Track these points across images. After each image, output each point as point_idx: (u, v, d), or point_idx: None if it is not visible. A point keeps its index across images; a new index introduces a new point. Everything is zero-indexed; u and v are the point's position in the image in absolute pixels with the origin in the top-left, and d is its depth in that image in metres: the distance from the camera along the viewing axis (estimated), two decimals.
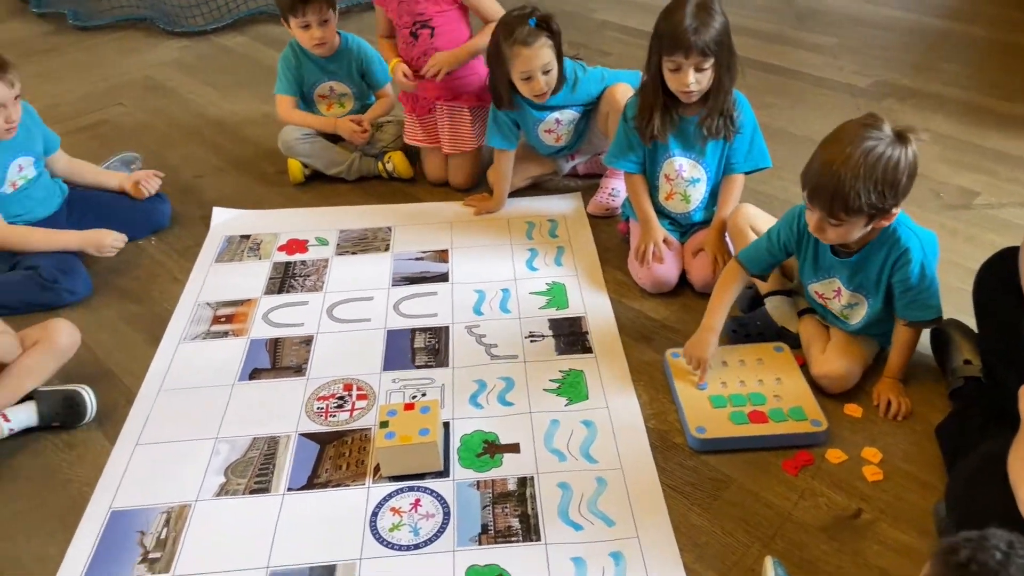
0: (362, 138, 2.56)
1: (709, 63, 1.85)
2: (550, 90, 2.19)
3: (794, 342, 1.83)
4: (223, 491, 1.58)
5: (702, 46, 1.81)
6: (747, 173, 2.06)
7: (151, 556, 1.46)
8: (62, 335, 1.77)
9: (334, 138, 2.62)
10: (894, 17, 3.74)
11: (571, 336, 1.96)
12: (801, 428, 1.61)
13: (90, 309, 2.11)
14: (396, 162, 2.60)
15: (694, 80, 1.86)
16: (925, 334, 1.75)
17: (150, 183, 2.40)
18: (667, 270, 2.05)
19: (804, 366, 1.77)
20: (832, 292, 1.74)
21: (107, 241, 2.16)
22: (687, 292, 2.07)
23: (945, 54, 3.37)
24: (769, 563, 1.33)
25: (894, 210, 1.53)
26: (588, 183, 2.54)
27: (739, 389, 1.71)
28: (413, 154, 2.63)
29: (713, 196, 2.09)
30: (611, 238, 2.31)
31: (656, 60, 1.90)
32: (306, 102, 2.63)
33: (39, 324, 1.79)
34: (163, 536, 1.49)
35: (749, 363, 1.78)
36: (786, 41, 3.54)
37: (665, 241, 2.07)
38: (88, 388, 1.76)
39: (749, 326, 1.86)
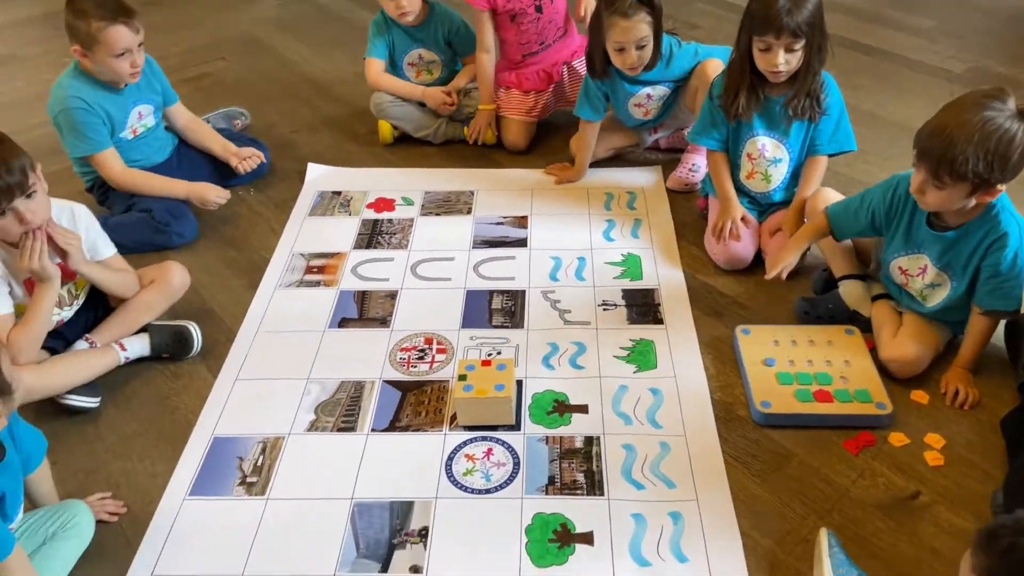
0: (449, 109, 2.65)
1: (800, 44, 1.86)
2: (642, 65, 2.23)
3: (865, 326, 1.85)
4: (313, 427, 1.72)
5: (794, 27, 1.82)
6: (831, 156, 2.06)
7: (249, 480, 1.61)
8: (175, 276, 1.93)
9: (423, 102, 2.72)
10: (997, 2, 3.60)
11: (643, 307, 2.02)
12: (866, 410, 1.64)
13: (196, 252, 2.28)
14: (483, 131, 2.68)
15: (783, 61, 1.87)
16: (999, 326, 1.75)
17: (249, 163, 2.48)
18: (743, 248, 2.08)
19: (874, 350, 1.80)
20: (917, 269, 1.73)
21: (210, 196, 2.32)
22: (761, 271, 2.09)
23: None
24: (824, 534, 1.39)
25: (999, 186, 1.52)
26: (669, 157, 2.57)
27: (806, 368, 1.75)
28: (497, 121, 2.70)
29: (794, 177, 2.10)
30: (689, 213, 2.34)
31: (746, 38, 1.92)
32: (395, 68, 2.73)
33: (155, 265, 1.96)
34: (259, 463, 1.64)
35: (819, 343, 1.81)
36: (883, 21, 3.45)
37: (743, 219, 2.10)
38: (195, 325, 1.92)
39: (820, 308, 1.89)
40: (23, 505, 1.39)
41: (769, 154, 2.06)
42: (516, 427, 1.70)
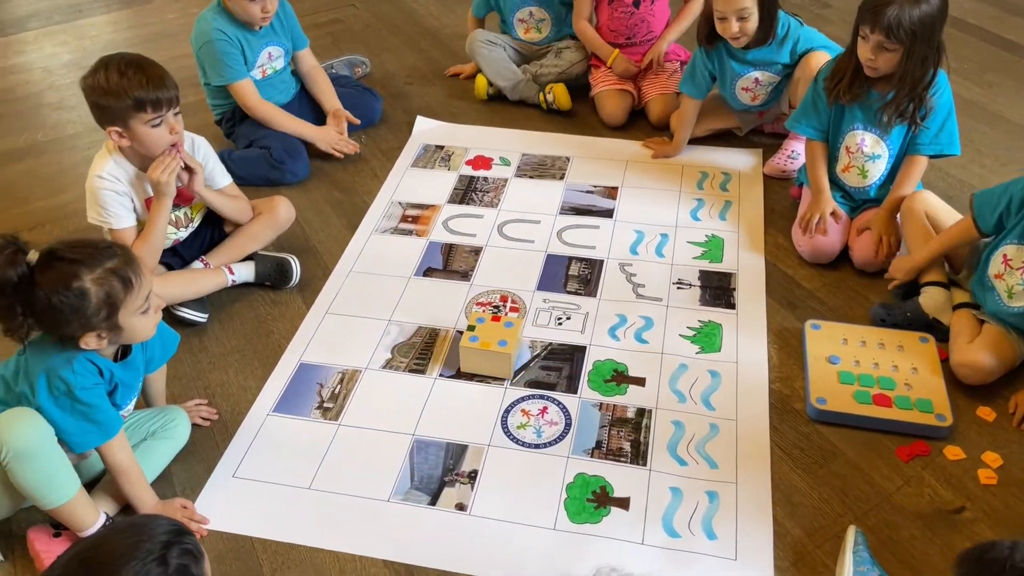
0: (341, 148, 2.57)
1: (894, 47, 1.81)
2: (745, 37, 2.21)
3: (943, 336, 1.81)
4: (388, 365, 1.86)
5: (887, 27, 1.77)
6: (931, 157, 2.00)
7: (325, 405, 1.77)
8: (282, 210, 2.11)
9: (520, 60, 2.80)
10: None
11: (718, 290, 2.04)
12: (924, 420, 1.63)
13: (305, 190, 2.46)
14: (557, 94, 2.72)
15: (871, 57, 1.83)
16: None
17: (345, 146, 2.54)
18: (830, 241, 2.06)
19: (946, 361, 1.76)
20: (1021, 261, 1.67)
21: (334, 138, 2.47)
22: (845, 267, 2.08)
23: None
24: (851, 530, 1.42)
25: None
26: (770, 142, 2.54)
27: (871, 371, 1.74)
28: (573, 89, 2.74)
29: (892, 174, 2.05)
30: (781, 201, 2.32)
31: (855, 31, 1.87)
32: (506, 24, 2.80)
33: (266, 199, 2.14)
34: (336, 391, 1.80)
35: (888, 348, 1.79)
36: None
37: (833, 213, 2.07)
38: (295, 259, 2.10)
39: (897, 315, 1.86)
40: (136, 401, 1.60)
41: (868, 149, 2.02)
42: (572, 389, 1.78)
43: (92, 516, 1.43)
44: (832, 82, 2.00)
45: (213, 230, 2.10)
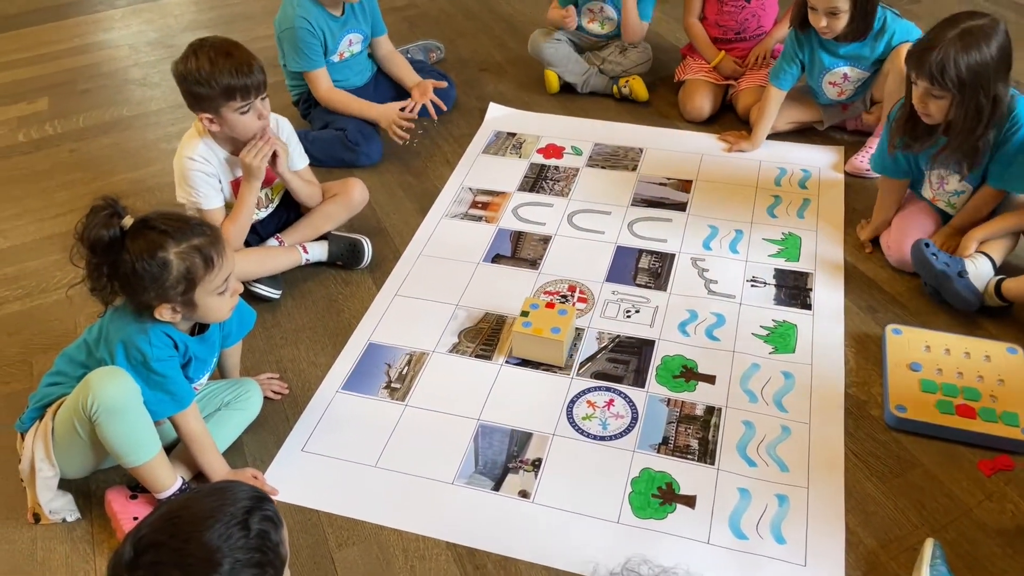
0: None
1: (944, 95, 1.71)
2: (832, 32, 2.17)
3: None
4: (454, 349, 1.87)
5: (930, 74, 1.68)
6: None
7: (393, 385, 1.79)
8: (356, 192, 2.13)
9: (579, 49, 2.77)
10: None
11: (794, 289, 1.99)
12: (1010, 433, 1.56)
13: (378, 173, 2.48)
14: (633, 86, 2.69)
15: (921, 104, 1.74)
16: None
17: (406, 124, 2.48)
18: None
19: None
20: None
21: (394, 116, 2.48)
22: None
23: None
24: (930, 543, 1.37)
25: None
26: (852, 139, 2.46)
27: (955, 380, 1.68)
28: (647, 81, 2.73)
29: None
30: (862, 200, 2.25)
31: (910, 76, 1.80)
32: (577, 8, 2.78)
33: (340, 180, 2.17)
34: (404, 372, 1.82)
35: (974, 357, 1.72)
36: None
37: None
38: (368, 240, 2.12)
39: (939, 260, 1.81)
40: (212, 373, 1.64)
41: (949, 187, 1.94)
42: (639, 383, 1.76)
43: (170, 479, 1.48)
44: (895, 135, 1.91)
45: (289, 211, 2.14)
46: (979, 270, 1.81)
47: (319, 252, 2.10)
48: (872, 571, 1.40)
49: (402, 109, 2.50)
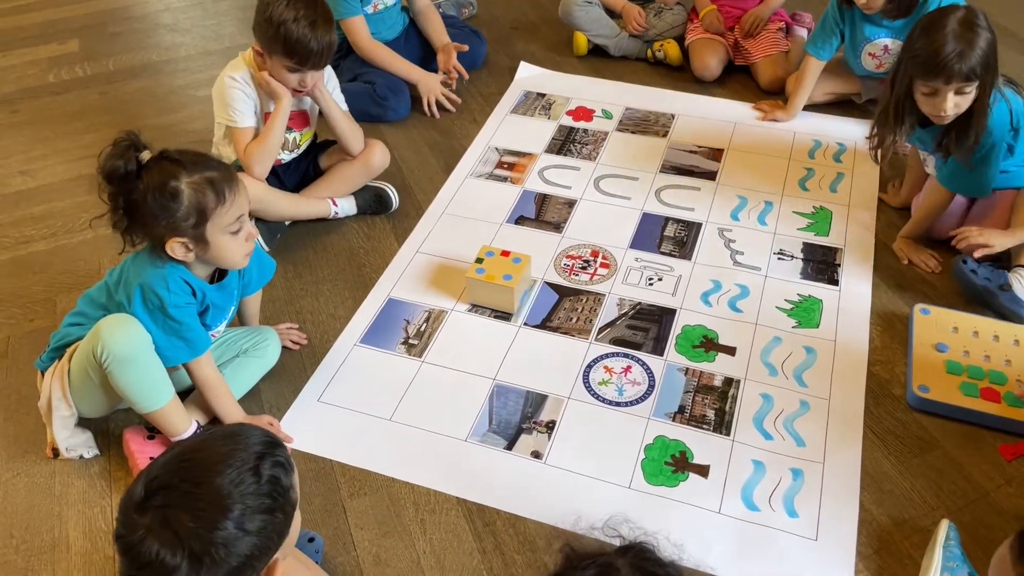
0: (640, 28, 2.67)
1: (972, 87, 1.66)
2: (876, 7, 2.11)
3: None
4: (473, 309, 1.86)
5: (967, 72, 1.62)
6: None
7: (411, 341, 1.79)
8: (377, 155, 2.11)
9: (613, 12, 2.73)
10: None
11: (822, 264, 1.95)
12: None
13: (404, 128, 2.46)
14: (668, 50, 2.65)
15: (953, 105, 1.68)
16: None
17: (444, 101, 2.50)
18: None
19: None
20: None
21: (437, 92, 2.48)
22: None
23: None
24: (944, 524, 1.35)
25: None
26: None
27: (982, 363, 1.64)
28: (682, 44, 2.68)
29: None
30: (898, 176, 2.19)
31: (907, 79, 1.73)
32: None
33: (366, 140, 2.12)
34: (422, 329, 1.81)
35: (1003, 340, 1.68)
36: None
37: None
38: (391, 187, 2.12)
39: (980, 275, 1.77)
40: (231, 320, 1.64)
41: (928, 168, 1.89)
42: (658, 350, 1.74)
43: (184, 423, 1.49)
44: (879, 142, 1.87)
45: (310, 163, 2.13)
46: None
47: (348, 207, 2.10)
48: (884, 549, 1.39)
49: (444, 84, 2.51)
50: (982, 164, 1.79)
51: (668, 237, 2.05)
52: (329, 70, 2.02)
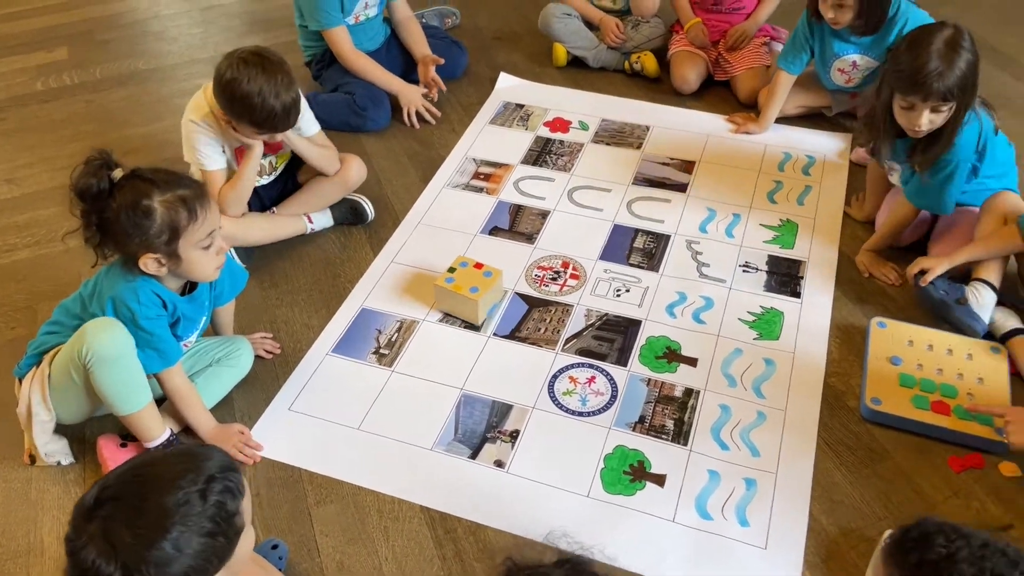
0: (617, 40, 2.70)
1: (948, 106, 1.71)
2: (839, 23, 2.16)
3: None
4: (444, 319, 1.91)
5: (944, 91, 1.67)
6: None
7: (382, 351, 1.83)
8: (353, 170, 2.13)
9: (592, 25, 2.77)
10: None
11: (785, 277, 2.00)
12: (983, 432, 1.57)
13: (383, 139, 2.51)
14: (645, 62, 2.69)
15: (927, 121, 1.73)
16: None
17: (425, 114, 2.54)
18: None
19: (1016, 375, 1.69)
20: None
21: (418, 104, 2.52)
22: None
23: None
24: (888, 535, 1.39)
25: None
26: (860, 127, 2.43)
27: (934, 376, 1.69)
28: (660, 58, 2.72)
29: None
30: (863, 188, 2.23)
31: (889, 91, 1.78)
32: None
33: (342, 155, 2.14)
34: (393, 339, 1.86)
35: (957, 354, 1.73)
36: None
37: None
38: (366, 199, 2.16)
39: (938, 288, 1.81)
40: (204, 330, 1.69)
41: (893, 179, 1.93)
42: (623, 361, 1.79)
43: (158, 429, 1.54)
44: (870, 146, 1.95)
45: (288, 178, 2.16)
46: (981, 300, 1.78)
47: (324, 220, 2.14)
48: (831, 559, 1.44)
49: (425, 96, 2.55)
50: (946, 183, 1.84)
51: (637, 249, 2.09)
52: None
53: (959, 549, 0.92)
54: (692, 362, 1.79)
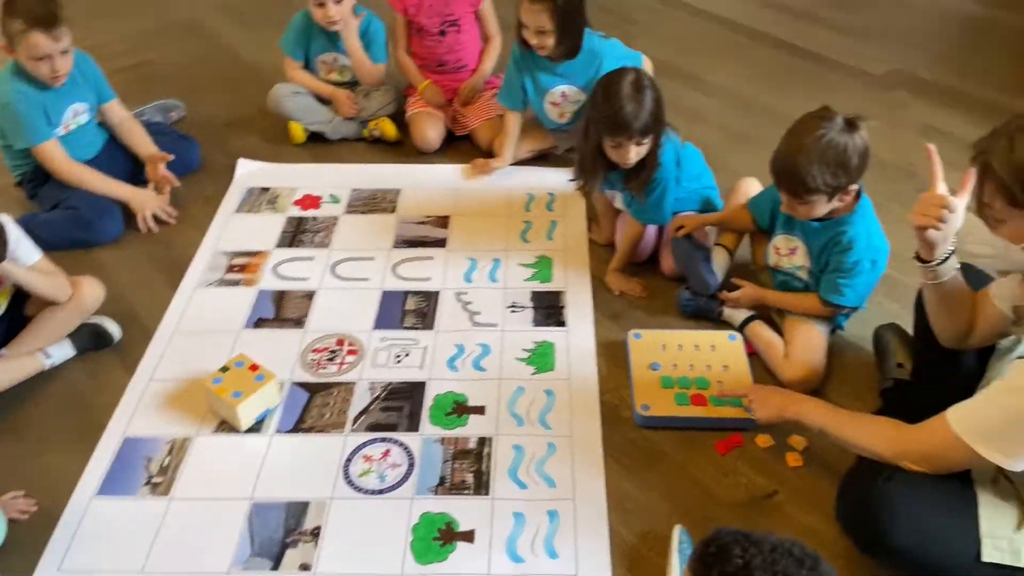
0: (351, 111, 2.76)
1: (648, 137, 1.97)
2: (546, 50, 2.35)
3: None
4: (220, 428, 1.81)
5: (642, 128, 1.94)
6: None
7: (154, 480, 1.70)
8: (87, 293, 1.98)
9: (323, 99, 2.80)
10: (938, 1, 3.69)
11: (549, 309, 2.12)
12: (736, 413, 1.76)
13: (119, 249, 2.34)
14: (383, 127, 2.76)
15: (635, 154, 1.98)
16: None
17: (162, 214, 2.43)
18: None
19: (753, 355, 1.92)
20: (788, 249, 1.92)
21: (153, 208, 2.39)
22: (661, 275, 2.20)
23: (978, 45, 3.34)
24: (676, 531, 1.52)
25: (851, 187, 1.72)
26: None
27: (687, 372, 1.87)
28: (398, 121, 2.80)
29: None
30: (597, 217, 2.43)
31: (596, 136, 2.01)
32: (308, 65, 2.79)
33: (73, 279, 1.99)
34: (165, 464, 1.73)
35: (703, 348, 1.93)
36: (814, 20, 3.52)
37: None
38: (111, 320, 2.01)
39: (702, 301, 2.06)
40: None
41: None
42: (413, 428, 1.80)
43: None
44: (584, 183, 2.17)
45: (13, 315, 1.96)
46: (720, 261, 2.10)
47: (63, 352, 1.95)
48: (635, 566, 1.53)
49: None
50: (660, 199, 2.08)
51: (410, 311, 2.12)
52: (15, 234, 1.87)
53: (753, 557, 0.98)
54: (480, 411, 1.84)
